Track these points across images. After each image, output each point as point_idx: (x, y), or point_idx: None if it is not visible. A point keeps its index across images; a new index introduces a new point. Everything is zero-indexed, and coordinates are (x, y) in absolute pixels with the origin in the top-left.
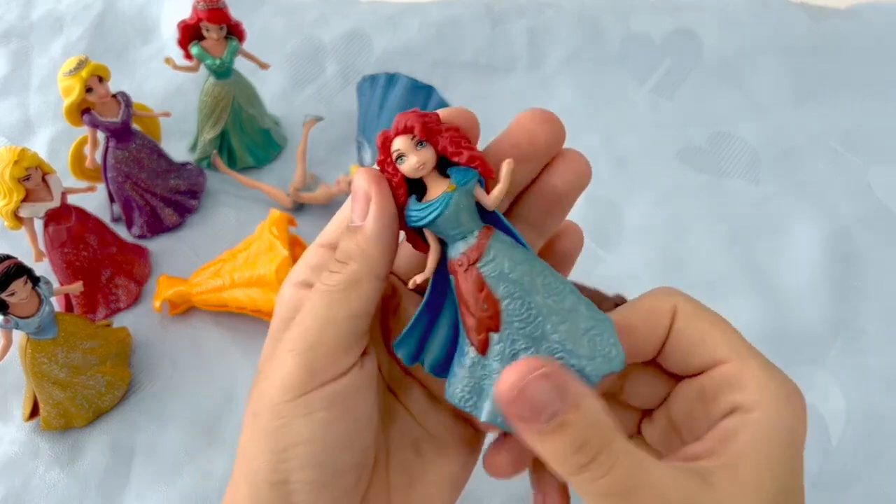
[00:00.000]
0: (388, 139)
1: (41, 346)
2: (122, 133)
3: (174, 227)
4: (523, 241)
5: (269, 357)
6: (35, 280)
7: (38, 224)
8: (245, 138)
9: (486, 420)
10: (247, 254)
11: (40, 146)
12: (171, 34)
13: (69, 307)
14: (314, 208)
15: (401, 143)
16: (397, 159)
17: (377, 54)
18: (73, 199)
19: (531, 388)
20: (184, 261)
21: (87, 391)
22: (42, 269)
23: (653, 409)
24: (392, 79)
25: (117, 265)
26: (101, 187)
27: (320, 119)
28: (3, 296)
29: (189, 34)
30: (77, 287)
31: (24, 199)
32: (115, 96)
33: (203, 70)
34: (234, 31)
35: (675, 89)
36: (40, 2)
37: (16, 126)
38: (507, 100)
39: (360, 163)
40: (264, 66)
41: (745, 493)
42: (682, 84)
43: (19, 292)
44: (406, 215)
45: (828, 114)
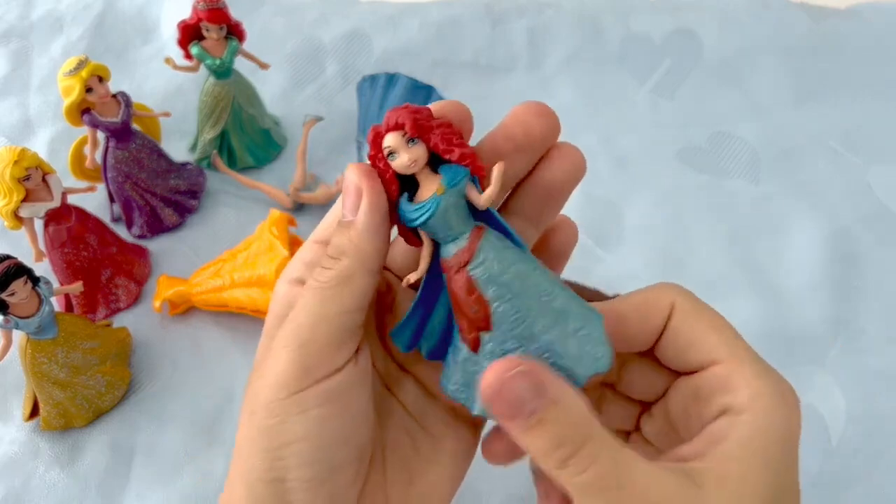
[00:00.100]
0: (379, 135)
1: (41, 346)
2: (122, 133)
3: (174, 227)
4: (517, 239)
5: (264, 355)
6: (35, 280)
7: (38, 224)
8: (245, 138)
9: (478, 413)
10: (247, 254)
11: (40, 146)
12: (171, 34)
13: (69, 307)
14: (314, 208)
15: (392, 139)
16: (389, 155)
17: (377, 54)
18: (73, 199)
19: (509, 385)
20: (184, 261)
21: (87, 391)
22: (42, 269)
23: (652, 405)
24: (392, 79)
25: (117, 265)
26: (101, 187)
27: (320, 119)
28: (3, 296)
29: (189, 34)
30: (77, 287)
31: (24, 199)
32: (115, 96)
33: (203, 70)
34: (234, 31)
35: (675, 89)
36: (40, 2)
37: (16, 126)
38: (507, 100)
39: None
40: (264, 66)
41: (732, 496)
42: (682, 84)
43: (19, 292)
44: (399, 214)
45: (828, 114)
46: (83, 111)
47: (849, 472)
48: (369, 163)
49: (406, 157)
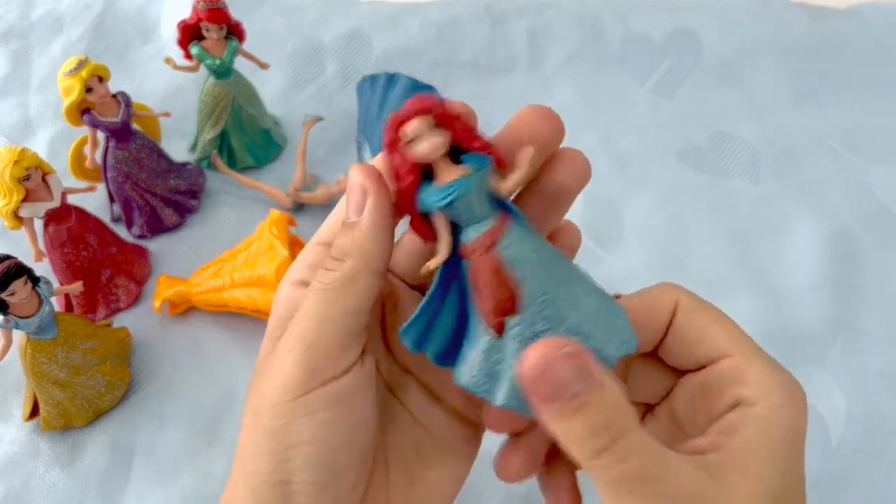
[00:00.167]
0: (402, 120)
1: (41, 346)
2: (122, 133)
3: (174, 227)
4: (531, 228)
5: (266, 356)
6: (35, 280)
7: (38, 224)
8: (245, 138)
9: (502, 404)
10: (247, 254)
11: (40, 146)
12: (171, 34)
13: (69, 307)
14: (314, 208)
15: (417, 124)
16: (413, 140)
17: (377, 54)
18: (73, 199)
19: (555, 367)
20: (184, 261)
21: (87, 391)
22: (42, 269)
23: (654, 405)
24: (392, 79)
25: (117, 265)
26: (101, 187)
27: (320, 119)
28: (3, 296)
29: (189, 34)
30: (77, 287)
31: (24, 199)
32: (115, 96)
33: (203, 70)
34: (234, 31)
35: (675, 89)
36: (40, 2)
37: (16, 126)
38: (507, 100)
39: (360, 163)
40: (264, 66)
41: (751, 487)
42: (682, 84)
43: (19, 292)
44: (419, 199)
45: (828, 114)
46: (83, 111)
47: (849, 472)
48: (383, 153)
49: (432, 142)
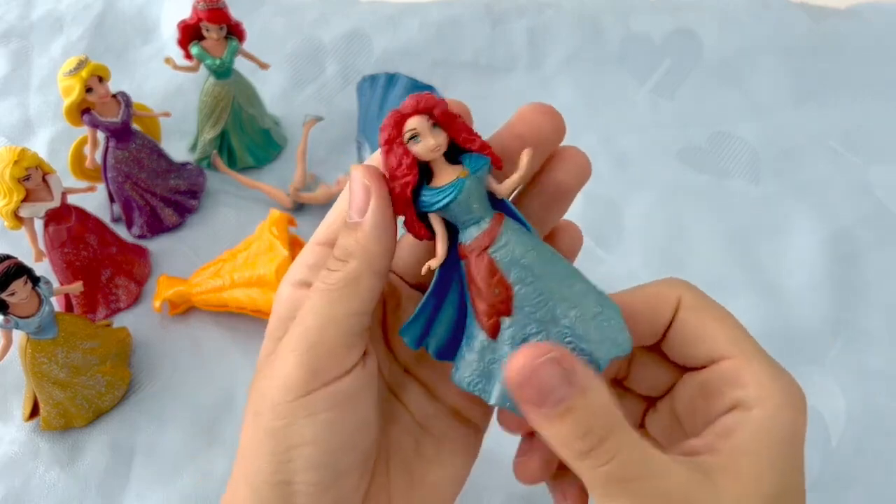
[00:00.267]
0: (402, 117)
1: (41, 346)
2: (122, 133)
3: (174, 227)
4: (531, 229)
5: (267, 356)
6: (35, 280)
7: (38, 224)
8: (245, 138)
9: (495, 403)
10: (247, 254)
11: (40, 146)
12: (171, 34)
13: (69, 307)
14: (314, 208)
15: (417, 122)
16: (411, 139)
17: (377, 54)
18: (73, 199)
19: (539, 372)
20: (184, 261)
21: (87, 391)
22: (42, 269)
23: (657, 400)
24: (392, 79)
25: (117, 265)
26: (101, 187)
27: (320, 119)
28: (3, 296)
29: (189, 34)
30: (77, 287)
31: (24, 199)
32: (115, 96)
33: (203, 70)
34: (234, 31)
35: (675, 89)
36: (40, 2)
37: (16, 126)
38: (507, 100)
39: (360, 163)
40: (264, 66)
41: (745, 491)
42: (682, 84)
43: (19, 292)
44: (417, 201)
45: (828, 114)
46: (83, 111)
47: (849, 472)
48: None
49: (432, 142)
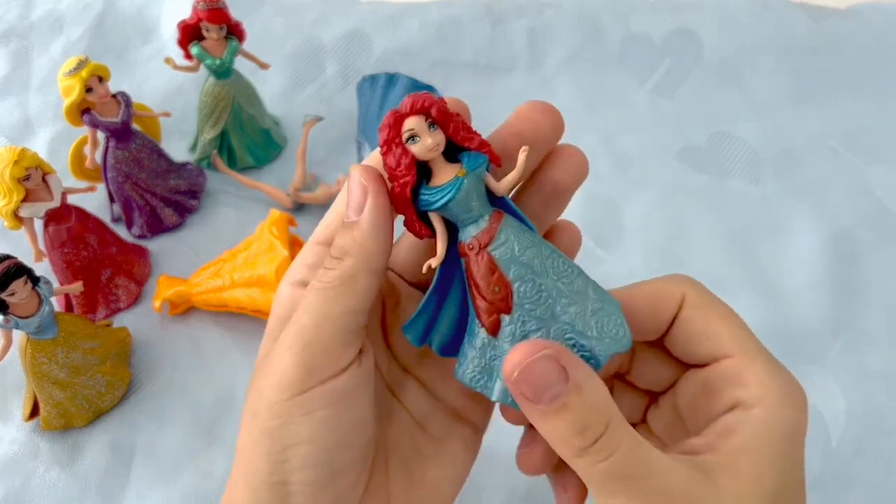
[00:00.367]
0: (400, 117)
1: (41, 346)
2: (122, 133)
3: (174, 227)
4: (531, 226)
5: (265, 356)
6: (35, 280)
7: (38, 224)
8: (245, 138)
9: (497, 399)
10: (247, 254)
11: (40, 146)
12: (171, 34)
13: (69, 307)
14: (314, 208)
15: (415, 122)
16: (409, 139)
17: (377, 54)
18: (73, 199)
19: (535, 369)
20: (184, 261)
21: (87, 391)
22: (42, 269)
23: (659, 397)
24: (392, 79)
25: (117, 265)
26: (101, 187)
27: (320, 119)
28: (3, 296)
29: (189, 34)
30: (77, 287)
31: (24, 199)
32: (115, 96)
33: (203, 70)
34: (234, 31)
35: (675, 89)
36: (40, 2)
37: (16, 126)
38: (507, 100)
39: (360, 163)
40: (264, 66)
41: (745, 489)
42: (682, 84)
43: (19, 292)
44: (416, 200)
45: (828, 114)
46: (83, 111)
47: (849, 472)
48: (378, 151)
49: (430, 141)
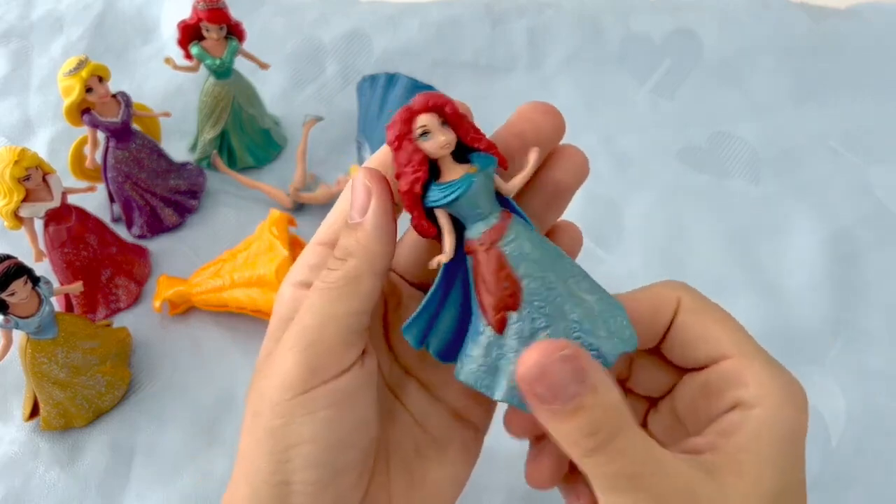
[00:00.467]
0: (412, 113)
1: (41, 346)
2: (122, 133)
3: (174, 227)
4: (534, 228)
5: (266, 356)
6: (35, 280)
7: (38, 224)
8: (245, 138)
9: (501, 399)
10: (247, 254)
11: (40, 146)
12: (171, 34)
13: (69, 307)
14: (314, 208)
15: (428, 119)
16: (421, 135)
17: (377, 54)
18: (73, 199)
19: (552, 369)
20: (184, 261)
21: (87, 391)
22: (42, 269)
23: (658, 401)
24: (392, 79)
25: (117, 265)
26: (101, 187)
27: (320, 119)
28: (3, 296)
29: (189, 34)
30: (77, 287)
31: (24, 199)
32: (115, 96)
33: (203, 70)
34: (234, 31)
35: (675, 89)
36: (40, 2)
37: (16, 126)
38: (507, 100)
39: (360, 163)
40: (264, 66)
41: (747, 489)
42: (682, 84)
43: (19, 292)
44: (425, 197)
45: (828, 114)
46: (83, 111)
47: (849, 472)
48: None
49: (443, 139)
